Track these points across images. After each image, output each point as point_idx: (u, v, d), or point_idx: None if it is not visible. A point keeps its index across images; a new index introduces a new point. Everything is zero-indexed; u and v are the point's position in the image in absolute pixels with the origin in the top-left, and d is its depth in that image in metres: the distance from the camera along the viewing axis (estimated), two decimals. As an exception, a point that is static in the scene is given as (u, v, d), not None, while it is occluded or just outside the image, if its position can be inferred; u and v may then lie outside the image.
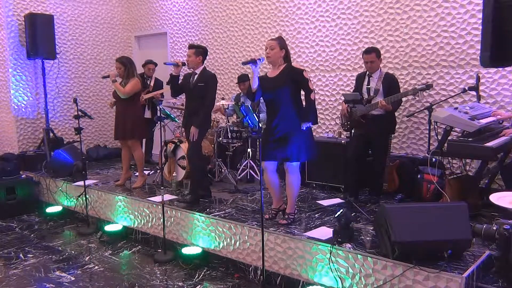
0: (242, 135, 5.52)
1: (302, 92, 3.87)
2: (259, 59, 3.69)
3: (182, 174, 5.28)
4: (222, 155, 5.76)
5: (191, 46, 4.67)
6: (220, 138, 5.57)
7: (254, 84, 3.81)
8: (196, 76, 4.64)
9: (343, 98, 4.57)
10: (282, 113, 3.78)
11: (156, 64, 6.82)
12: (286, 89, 3.75)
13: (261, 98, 4.01)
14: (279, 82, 3.78)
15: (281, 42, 3.83)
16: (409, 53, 5.12)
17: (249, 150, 5.54)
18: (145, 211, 4.76)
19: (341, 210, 3.46)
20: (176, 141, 5.40)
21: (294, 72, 3.76)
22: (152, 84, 6.76)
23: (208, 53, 7.12)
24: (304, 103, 3.88)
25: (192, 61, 4.62)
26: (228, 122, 5.81)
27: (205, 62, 4.75)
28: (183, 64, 4.69)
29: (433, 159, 4.04)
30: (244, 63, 3.76)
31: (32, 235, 5.17)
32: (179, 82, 4.78)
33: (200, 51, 4.65)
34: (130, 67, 5.25)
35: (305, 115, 3.77)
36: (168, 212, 4.47)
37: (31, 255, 4.49)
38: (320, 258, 3.37)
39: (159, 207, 4.44)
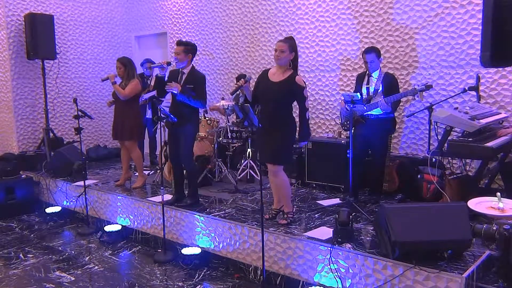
0: (242, 135, 5.52)
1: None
2: (246, 82, 3.79)
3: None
4: (222, 155, 5.76)
5: (180, 43, 4.44)
6: (220, 138, 5.57)
7: (250, 97, 3.95)
8: (184, 76, 4.45)
9: (343, 98, 4.56)
10: (272, 117, 3.79)
11: (153, 63, 6.76)
12: (282, 101, 3.76)
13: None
14: (278, 93, 3.75)
15: (291, 44, 3.75)
16: (409, 53, 5.12)
17: (249, 150, 5.54)
18: (145, 211, 4.76)
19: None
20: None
21: (295, 88, 3.71)
22: (152, 83, 6.73)
23: (208, 53, 7.19)
24: (297, 119, 3.86)
25: (182, 60, 4.39)
26: (228, 122, 5.81)
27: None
28: (168, 64, 4.45)
29: (433, 159, 4.04)
30: (233, 93, 4.00)
31: (32, 235, 5.17)
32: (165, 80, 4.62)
33: (189, 49, 4.42)
34: (130, 67, 5.24)
35: (303, 134, 3.84)
36: (168, 212, 4.47)
37: (31, 255, 4.49)
38: (320, 258, 3.37)
39: (159, 207, 4.44)
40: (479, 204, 1.90)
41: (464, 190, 3.95)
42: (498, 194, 2.01)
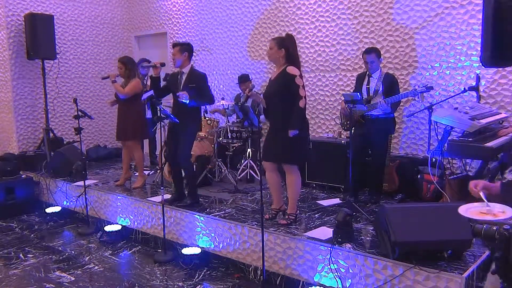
0: (242, 135, 5.52)
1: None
2: (251, 91, 3.85)
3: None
4: (222, 155, 5.76)
5: (175, 44, 4.52)
6: (220, 138, 5.57)
7: (265, 104, 3.93)
8: (184, 76, 4.48)
9: (343, 98, 4.57)
10: (274, 115, 3.82)
11: (149, 62, 6.71)
12: (278, 94, 3.75)
13: None
14: (273, 87, 3.81)
15: (280, 41, 3.79)
16: (409, 53, 5.12)
17: (249, 150, 5.54)
18: (145, 211, 4.76)
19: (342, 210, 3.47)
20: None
21: (287, 77, 3.71)
22: (148, 83, 6.71)
23: (208, 53, 7.19)
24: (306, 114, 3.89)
25: (178, 59, 4.45)
26: (228, 122, 5.81)
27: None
28: (162, 64, 4.54)
29: (433, 159, 4.04)
30: (244, 102, 4.03)
31: (32, 235, 5.17)
32: (164, 82, 4.68)
33: (184, 48, 4.47)
34: (131, 67, 5.23)
35: (291, 123, 3.68)
36: (168, 212, 4.47)
37: (31, 255, 4.49)
38: (320, 258, 3.37)
39: (159, 207, 4.44)
40: (469, 210, 1.92)
41: (464, 190, 3.93)
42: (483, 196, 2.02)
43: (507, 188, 2.06)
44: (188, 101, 4.32)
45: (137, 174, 5.60)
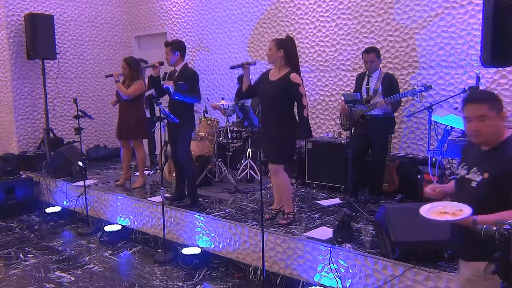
0: (242, 135, 5.52)
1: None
2: (249, 64, 3.83)
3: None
4: (222, 155, 5.75)
5: (166, 44, 4.53)
6: (220, 138, 5.57)
7: (245, 85, 3.95)
8: (176, 74, 4.51)
9: (343, 98, 4.57)
10: (270, 116, 3.79)
11: (146, 62, 6.72)
12: (278, 99, 3.75)
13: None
14: (273, 90, 3.77)
15: (280, 42, 3.79)
16: (409, 53, 5.12)
17: (249, 150, 5.54)
18: (145, 211, 4.76)
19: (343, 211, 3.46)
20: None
21: (290, 85, 3.70)
22: (146, 82, 6.69)
23: (208, 53, 7.19)
24: (297, 117, 3.86)
25: (171, 59, 4.47)
26: (228, 122, 5.81)
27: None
28: (161, 63, 4.55)
29: (433, 159, 4.04)
30: (233, 67, 3.90)
31: (32, 235, 5.17)
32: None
33: (176, 47, 4.49)
34: (135, 68, 5.23)
35: (301, 133, 3.78)
36: (168, 212, 4.47)
37: (31, 255, 4.49)
38: (320, 258, 3.37)
39: (159, 207, 4.44)
40: (429, 210, 1.92)
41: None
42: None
43: (460, 184, 2.08)
44: (173, 90, 4.34)
45: (137, 174, 5.60)
